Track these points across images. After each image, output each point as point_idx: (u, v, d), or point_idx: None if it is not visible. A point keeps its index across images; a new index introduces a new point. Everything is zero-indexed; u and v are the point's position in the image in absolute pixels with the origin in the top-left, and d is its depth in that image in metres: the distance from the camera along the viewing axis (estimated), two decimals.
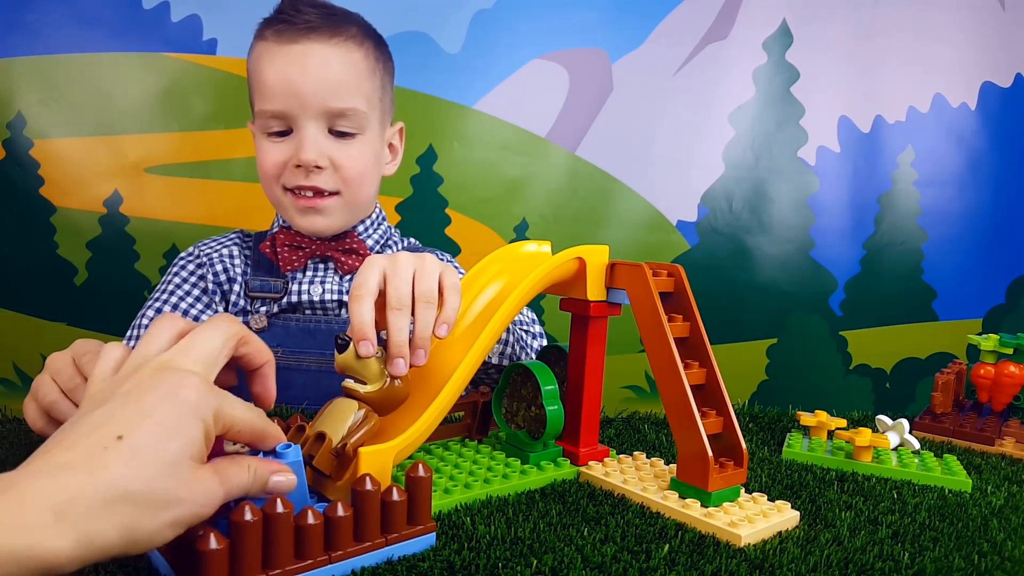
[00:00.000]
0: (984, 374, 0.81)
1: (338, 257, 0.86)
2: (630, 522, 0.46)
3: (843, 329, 1.76)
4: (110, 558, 0.30)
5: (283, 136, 0.82)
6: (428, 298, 0.49)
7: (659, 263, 0.55)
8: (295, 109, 0.80)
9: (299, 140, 0.80)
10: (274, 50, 0.80)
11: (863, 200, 1.74)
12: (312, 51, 0.80)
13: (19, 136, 1.36)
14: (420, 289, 0.49)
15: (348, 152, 0.83)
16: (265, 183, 0.85)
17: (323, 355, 0.83)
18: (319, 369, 0.83)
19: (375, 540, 0.39)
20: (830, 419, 0.67)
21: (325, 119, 0.81)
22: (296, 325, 0.84)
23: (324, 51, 0.81)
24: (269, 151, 0.82)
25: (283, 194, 0.83)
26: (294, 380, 0.82)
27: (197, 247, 0.90)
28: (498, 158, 1.58)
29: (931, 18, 1.71)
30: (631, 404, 1.65)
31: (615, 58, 1.63)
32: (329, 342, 0.82)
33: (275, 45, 0.80)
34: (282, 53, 0.80)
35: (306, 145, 0.80)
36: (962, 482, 0.58)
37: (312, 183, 0.81)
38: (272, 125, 0.81)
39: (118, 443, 0.31)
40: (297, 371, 0.83)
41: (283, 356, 0.83)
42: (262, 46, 0.82)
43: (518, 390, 0.58)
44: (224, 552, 0.33)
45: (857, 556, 0.43)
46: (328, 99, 0.80)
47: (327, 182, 0.82)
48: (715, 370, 0.51)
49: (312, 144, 0.80)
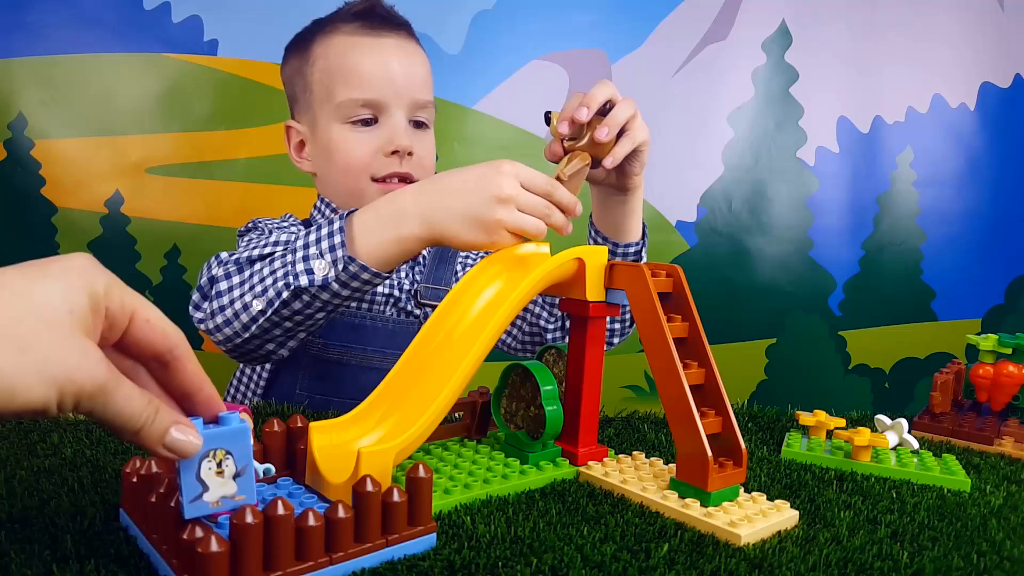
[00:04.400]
0: (983, 374, 0.81)
1: None
2: (629, 521, 0.47)
3: (842, 329, 1.76)
4: None
5: (367, 126, 0.85)
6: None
7: (658, 264, 0.55)
8: (389, 97, 0.84)
9: (391, 128, 0.84)
10: (366, 42, 0.84)
11: (862, 200, 1.74)
12: (402, 46, 0.86)
13: (20, 136, 1.36)
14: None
15: (424, 143, 0.88)
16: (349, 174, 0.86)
17: (365, 351, 0.84)
18: (359, 365, 0.84)
19: (376, 541, 0.39)
20: (829, 419, 0.67)
21: (410, 110, 0.86)
22: (341, 320, 0.84)
23: (409, 46, 0.88)
24: (358, 141, 0.84)
25: (369, 184, 0.85)
26: (334, 374, 0.83)
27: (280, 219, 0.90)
28: (498, 158, 1.58)
29: (930, 19, 1.71)
30: (630, 404, 1.65)
31: (615, 59, 1.63)
32: (373, 339, 0.85)
33: (365, 38, 0.84)
34: (376, 45, 0.84)
35: (400, 132, 0.84)
36: (961, 482, 0.58)
37: (405, 170, 0.85)
38: (362, 113, 0.84)
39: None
40: (338, 365, 0.84)
41: (325, 350, 0.84)
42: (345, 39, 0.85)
43: (517, 390, 0.58)
44: (225, 554, 0.33)
45: (856, 555, 0.43)
46: (416, 91, 0.86)
47: (415, 169, 0.86)
48: (714, 370, 0.51)
49: (404, 131, 0.84)
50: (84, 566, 0.36)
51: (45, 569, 0.36)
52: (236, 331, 0.69)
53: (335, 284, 0.63)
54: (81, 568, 0.36)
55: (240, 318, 0.68)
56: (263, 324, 0.67)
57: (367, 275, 0.62)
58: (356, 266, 0.62)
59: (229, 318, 0.69)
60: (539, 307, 0.93)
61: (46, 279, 0.28)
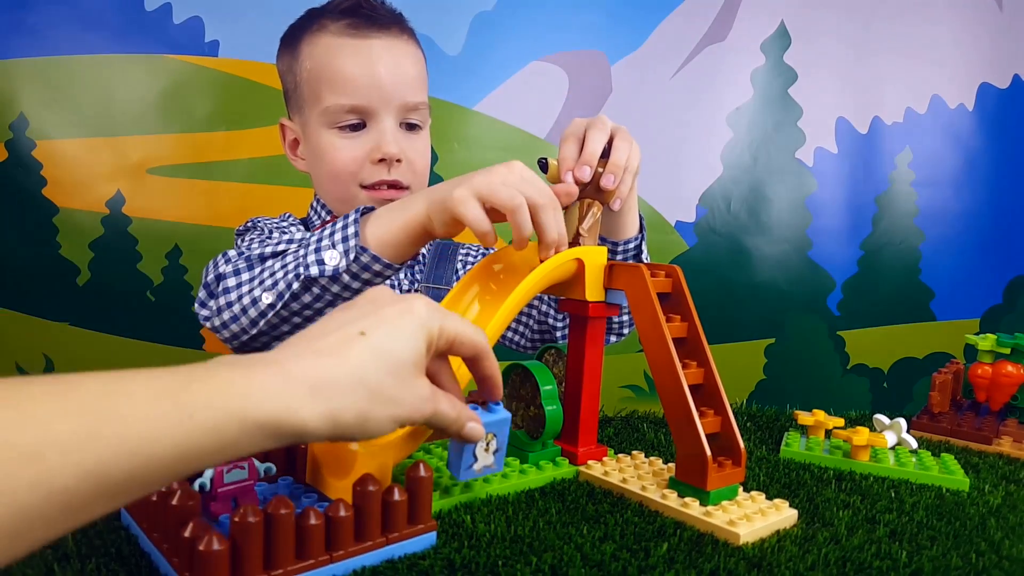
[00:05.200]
0: (982, 374, 0.82)
1: None
2: (629, 520, 0.47)
3: (841, 329, 1.76)
4: (345, 438, 0.35)
5: (355, 131, 0.82)
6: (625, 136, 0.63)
7: (657, 264, 0.55)
8: (376, 103, 0.80)
9: (379, 134, 0.81)
10: (352, 44, 0.81)
11: (861, 200, 1.74)
12: (391, 46, 0.82)
13: (22, 137, 1.36)
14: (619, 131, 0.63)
15: (416, 146, 0.85)
16: (338, 181, 0.83)
17: None
18: None
19: (376, 539, 0.39)
20: (828, 418, 0.68)
21: (399, 113, 0.82)
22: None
23: (398, 46, 0.83)
24: (344, 147, 0.82)
25: (359, 191, 0.83)
26: None
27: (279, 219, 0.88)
28: (498, 159, 1.55)
29: (929, 19, 1.72)
30: (630, 403, 1.65)
31: (614, 60, 1.64)
32: None
33: (351, 39, 0.81)
34: (363, 47, 0.80)
35: (388, 138, 0.81)
36: (959, 481, 0.58)
37: (393, 177, 0.82)
38: (348, 119, 0.81)
39: (361, 338, 0.35)
40: None
41: None
42: (331, 40, 0.81)
43: (517, 390, 0.58)
44: (226, 553, 0.34)
45: (855, 555, 0.43)
46: (406, 93, 0.82)
47: (404, 175, 0.83)
48: (713, 370, 0.51)
49: (393, 138, 0.81)
50: (85, 565, 0.37)
51: (46, 568, 0.36)
52: (244, 327, 0.68)
53: (346, 275, 0.62)
54: (82, 567, 0.36)
55: (248, 313, 0.67)
56: (272, 319, 0.66)
57: (378, 266, 0.62)
58: (368, 256, 0.61)
59: (236, 314, 0.68)
60: (546, 304, 0.93)
61: (398, 337, 0.36)
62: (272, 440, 0.31)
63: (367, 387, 0.34)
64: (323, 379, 0.33)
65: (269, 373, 0.32)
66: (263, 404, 0.30)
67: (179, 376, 0.29)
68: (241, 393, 0.30)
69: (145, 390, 0.28)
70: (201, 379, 0.29)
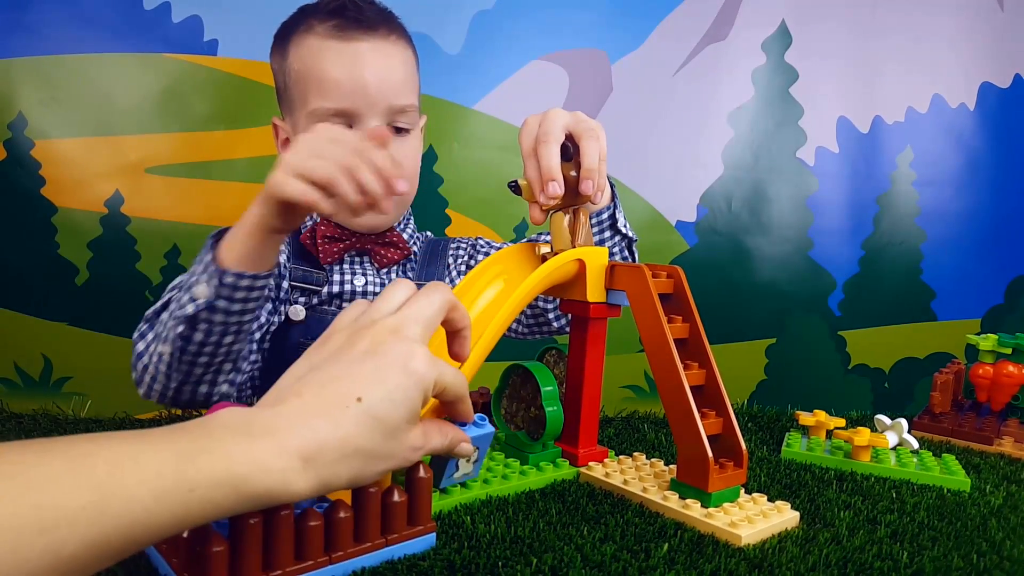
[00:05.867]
0: (983, 374, 0.81)
1: (376, 250, 0.86)
2: (629, 521, 0.47)
3: (842, 329, 1.76)
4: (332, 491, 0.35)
5: None
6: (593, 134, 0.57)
7: (659, 264, 0.55)
8: (361, 107, 0.79)
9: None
10: (336, 47, 0.79)
11: (862, 200, 1.74)
12: (377, 48, 0.81)
13: (20, 136, 1.36)
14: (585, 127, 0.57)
15: (405, 150, 0.84)
16: None
17: None
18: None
19: (375, 540, 0.39)
20: (829, 419, 0.68)
21: (387, 116, 0.81)
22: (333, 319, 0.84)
23: (386, 48, 0.82)
24: None
25: None
26: None
27: None
28: (498, 158, 1.59)
29: (930, 19, 1.71)
30: (631, 404, 1.65)
31: (614, 59, 1.63)
32: None
33: (336, 42, 0.79)
34: (348, 50, 0.79)
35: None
36: (961, 481, 0.58)
37: None
38: (333, 122, 0.80)
39: (358, 405, 0.35)
40: None
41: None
42: (316, 42, 0.80)
43: (517, 391, 0.58)
44: (225, 553, 0.33)
45: (856, 555, 0.43)
46: (392, 96, 0.81)
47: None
48: (715, 371, 0.51)
49: None
50: None
51: None
52: (164, 384, 0.68)
53: (220, 301, 0.62)
54: None
55: (160, 369, 0.67)
56: (179, 368, 0.66)
57: (245, 281, 0.62)
58: (231, 275, 0.61)
59: (154, 375, 0.68)
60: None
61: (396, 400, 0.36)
62: (261, 506, 0.32)
63: (362, 454, 0.35)
64: (317, 449, 0.33)
65: (266, 448, 0.32)
66: (260, 479, 0.31)
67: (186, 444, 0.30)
68: (241, 472, 0.31)
69: (153, 461, 0.29)
70: (207, 450, 0.30)
